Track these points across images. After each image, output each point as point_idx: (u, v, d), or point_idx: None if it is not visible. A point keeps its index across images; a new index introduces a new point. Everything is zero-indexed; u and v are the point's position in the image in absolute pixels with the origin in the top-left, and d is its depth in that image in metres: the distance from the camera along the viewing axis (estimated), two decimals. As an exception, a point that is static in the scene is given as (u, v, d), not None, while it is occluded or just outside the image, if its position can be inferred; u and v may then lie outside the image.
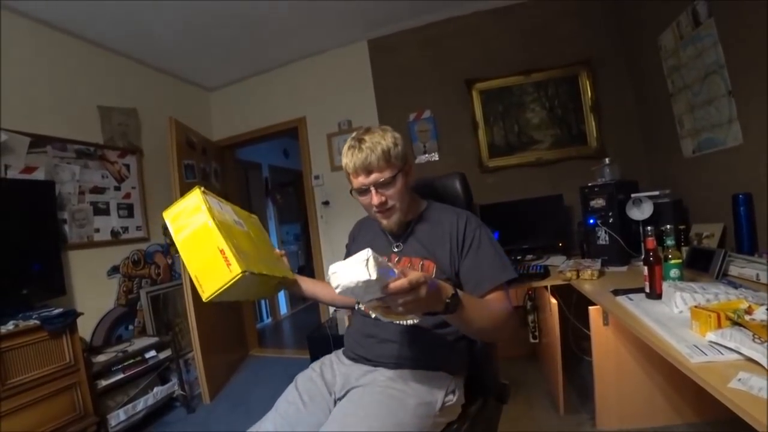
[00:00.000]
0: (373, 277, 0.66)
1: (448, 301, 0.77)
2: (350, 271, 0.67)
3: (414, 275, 0.70)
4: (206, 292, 0.90)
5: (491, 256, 1.04)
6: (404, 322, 0.82)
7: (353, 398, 0.98)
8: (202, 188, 1.02)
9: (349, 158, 1.05)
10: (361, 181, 1.05)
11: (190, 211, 0.97)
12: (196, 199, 0.98)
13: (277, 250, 1.25)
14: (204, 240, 0.93)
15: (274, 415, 1.01)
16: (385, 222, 1.11)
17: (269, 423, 0.99)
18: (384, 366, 1.05)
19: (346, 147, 1.07)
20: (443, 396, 0.99)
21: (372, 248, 1.16)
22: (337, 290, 0.68)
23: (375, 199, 1.04)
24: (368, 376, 1.04)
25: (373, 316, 0.82)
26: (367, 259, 0.66)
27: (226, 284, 0.89)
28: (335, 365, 1.15)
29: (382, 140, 1.04)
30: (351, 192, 1.11)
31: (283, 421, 0.98)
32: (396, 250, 1.14)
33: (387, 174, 1.03)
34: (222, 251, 0.90)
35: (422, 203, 1.20)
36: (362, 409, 0.92)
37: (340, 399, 1.02)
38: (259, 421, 1.01)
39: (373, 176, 1.03)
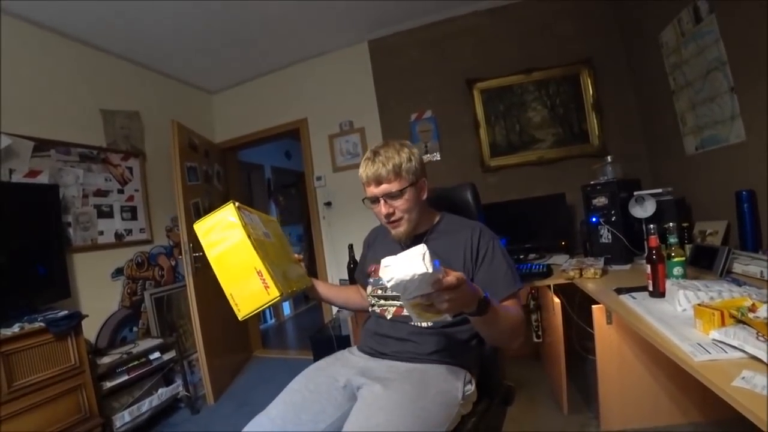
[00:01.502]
0: (430, 270, 0.69)
1: (480, 301, 0.82)
2: (406, 265, 0.69)
3: (457, 273, 0.74)
4: (242, 311, 0.93)
5: (505, 267, 1.10)
6: (430, 323, 0.84)
7: (375, 389, 0.99)
8: (237, 203, 1.01)
9: (363, 169, 1.13)
10: (371, 190, 1.12)
11: (225, 227, 0.96)
12: (231, 215, 0.97)
13: (295, 255, 1.28)
14: (240, 258, 0.93)
15: (278, 402, 1.05)
16: (393, 231, 1.17)
17: (273, 409, 1.02)
18: (402, 360, 1.10)
19: (363, 159, 1.15)
20: (462, 386, 1.04)
21: (390, 255, 1.21)
22: (390, 283, 0.70)
23: (383, 209, 1.12)
24: (387, 368, 1.08)
25: (389, 317, 0.83)
26: (424, 254, 0.69)
27: (263, 305, 0.92)
28: (349, 357, 1.20)
29: (396, 155, 1.10)
30: (364, 201, 1.18)
31: (286, 407, 1.02)
32: None
33: (395, 186, 1.09)
34: (260, 273, 0.92)
35: (436, 216, 1.25)
36: (386, 400, 0.94)
37: (359, 388, 1.03)
38: (265, 409, 1.04)
39: (382, 187, 1.10)
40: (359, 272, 1.42)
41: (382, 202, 1.11)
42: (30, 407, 1.67)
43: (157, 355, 2.38)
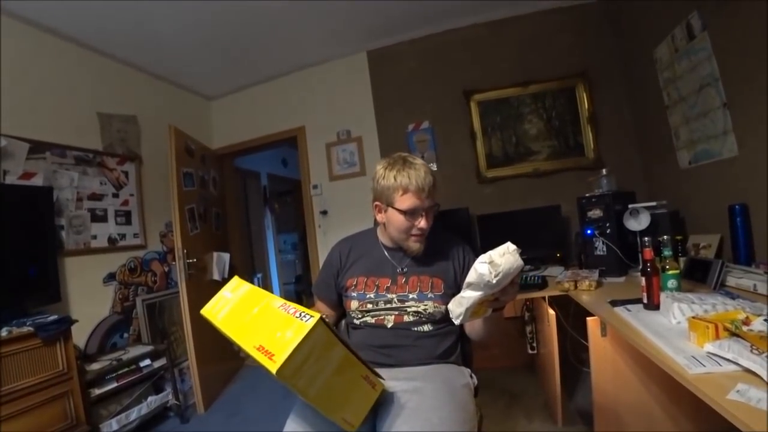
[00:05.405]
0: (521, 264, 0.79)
1: None
2: (507, 259, 0.78)
3: None
4: (356, 425, 0.83)
5: None
6: (458, 322, 0.89)
7: (409, 396, 0.97)
8: (321, 315, 0.79)
9: (404, 176, 1.07)
10: (418, 202, 1.08)
11: (322, 348, 0.77)
12: (322, 331, 0.77)
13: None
14: (347, 374, 0.82)
15: (298, 426, 0.94)
16: (416, 246, 1.16)
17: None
18: (414, 365, 1.11)
19: (390, 169, 1.10)
20: (470, 378, 1.14)
21: (376, 268, 1.22)
22: (497, 278, 0.77)
23: (424, 222, 1.10)
24: (404, 375, 1.07)
25: (390, 325, 0.95)
26: (515, 249, 0.79)
27: (372, 405, 0.86)
28: None
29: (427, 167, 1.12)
30: (405, 212, 1.08)
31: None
32: (399, 271, 1.21)
33: (434, 201, 1.12)
34: (366, 377, 0.84)
35: None
36: (431, 400, 0.96)
37: (384, 400, 0.97)
38: None
39: (429, 201, 1.10)
40: (326, 287, 1.30)
41: (423, 215, 1.09)
42: (15, 413, 1.63)
43: (147, 362, 2.34)
